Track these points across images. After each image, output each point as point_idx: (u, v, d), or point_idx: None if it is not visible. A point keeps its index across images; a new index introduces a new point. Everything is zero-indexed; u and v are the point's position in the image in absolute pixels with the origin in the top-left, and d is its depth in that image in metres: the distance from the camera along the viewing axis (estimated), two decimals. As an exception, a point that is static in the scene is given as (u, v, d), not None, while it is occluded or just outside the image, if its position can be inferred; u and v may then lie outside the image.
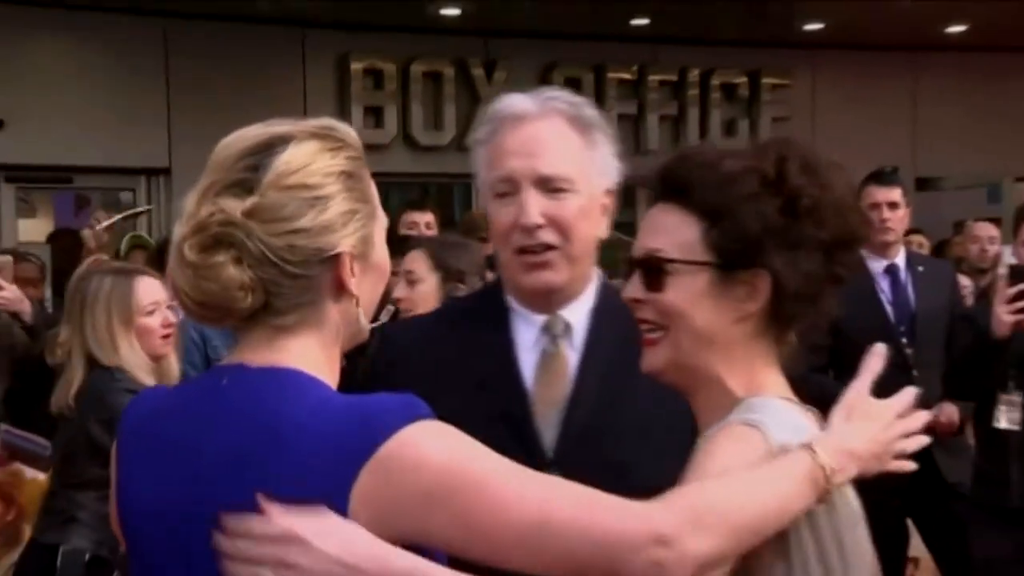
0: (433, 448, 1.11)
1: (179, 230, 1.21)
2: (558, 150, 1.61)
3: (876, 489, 4.30)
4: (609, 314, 1.64)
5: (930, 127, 9.89)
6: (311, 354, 1.22)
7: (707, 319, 1.27)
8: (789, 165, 1.27)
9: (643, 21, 8.88)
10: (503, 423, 1.54)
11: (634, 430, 1.54)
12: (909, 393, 1.38)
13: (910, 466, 1.33)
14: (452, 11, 8.40)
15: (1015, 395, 3.33)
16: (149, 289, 3.17)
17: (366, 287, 1.25)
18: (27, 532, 3.85)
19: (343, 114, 8.67)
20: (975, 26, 9.20)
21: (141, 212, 5.18)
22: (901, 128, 9.85)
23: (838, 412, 1.28)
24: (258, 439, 1.15)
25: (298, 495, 1.13)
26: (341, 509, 1.11)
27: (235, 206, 1.17)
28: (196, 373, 4.10)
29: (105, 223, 4.90)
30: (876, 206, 3.94)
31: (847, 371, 4.64)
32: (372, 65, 8.74)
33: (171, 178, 8.33)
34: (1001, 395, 3.35)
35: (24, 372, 4.06)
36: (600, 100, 9.32)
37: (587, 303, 1.66)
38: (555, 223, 1.57)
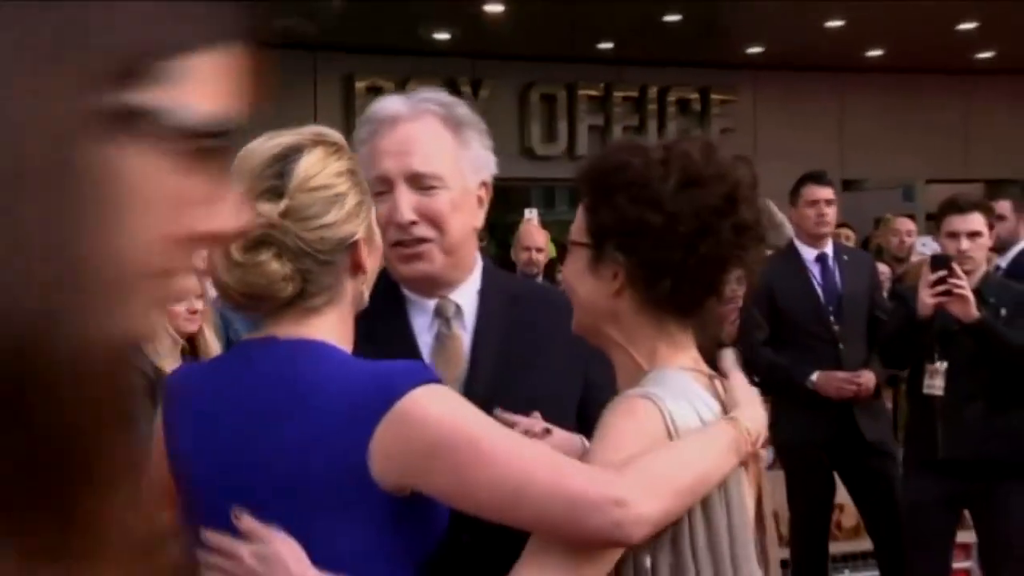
0: (439, 408, 1.14)
1: None
2: (429, 148, 1.51)
3: (805, 445, 4.31)
4: (496, 295, 1.56)
5: (855, 136, 9.94)
6: (333, 326, 1.24)
7: (587, 292, 1.29)
8: (651, 159, 1.24)
9: (608, 45, 8.87)
10: None
11: (530, 402, 1.43)
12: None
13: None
14: (443, 36, 8.36)
15: (939, 364, 3.35)
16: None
17: (372, 263, 1.28)
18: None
19: (349, 127, 8.60)
20: (892, 50, 9.23)
21: None
22: (830, 137, 9.88)
23: (743, 390, 1.28)
24: (285, 399, 1.17)
25: (320, 449, 1.14)
26: (361, 459, 1.12)
27: (271, 209, 1.20)
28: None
29: None
30: (815, 202, 3.97)
31: (783, 344, 4.66)
32: (374, 83, 8.69)
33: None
34: (928, 365, 3.37)
35: None
36: (572, 113, 9.31)
37: (473, 286, 1.56)
38: (427, 217, 1.47)
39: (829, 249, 4.01)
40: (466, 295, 1.56)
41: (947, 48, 9.04)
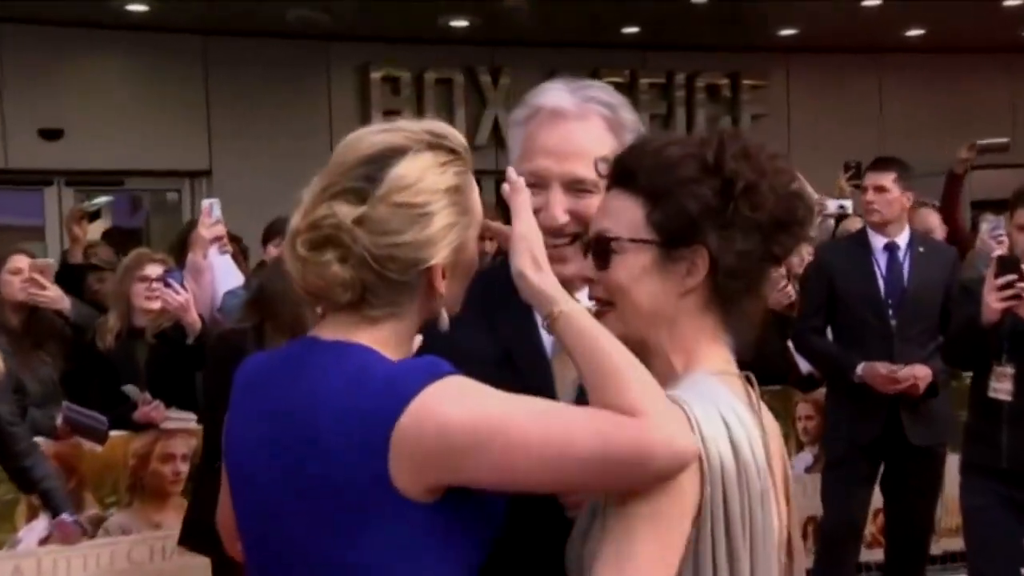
0: (454, 407, 1.11)
1: (295, 222, 1.21)
2: (592, 153, 1.48)
3: (847, 444, 4.22)
4: None
5: (894, 121, 9.82)
6: (385, 339, 1.21)
7: (650, 295, 1.25)
8: (726, 151, 1.24)
9: (633, 30, 8.83)
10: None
11: None
12: None
13: None
14: (461, 23, 8.35)
15: (1007, 367, 3.24)
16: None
17: (454, 286, 1.25)
18: (88, 499, 3.87)
19: (364, 118, 8.65)
20: (933, 29, 9.12)
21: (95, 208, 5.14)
22: (868, 123, 9.78)
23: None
24: (307, 407, 1.16)
25: (338, 460, 1.13)
26: (381, 470, 1.11)
27: (347, 212, 1.17)
28: None
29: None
30: (865, 189, 3.95)
31: (840, 332, 4.62)
32: (389, 74, 8.70)
33: (212, 179, 8.31)
34: (995, 366, 3.27)
35: (78, 355, 4.08)
36: (596, 102, 9.28)
37: None
38: (578, 218, 1.48)
39: (902, 238, 3.95)
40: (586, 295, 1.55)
41: (992, 26, 8.92)
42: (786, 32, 9.15)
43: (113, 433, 3.84)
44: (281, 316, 2.99)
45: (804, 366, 4.47)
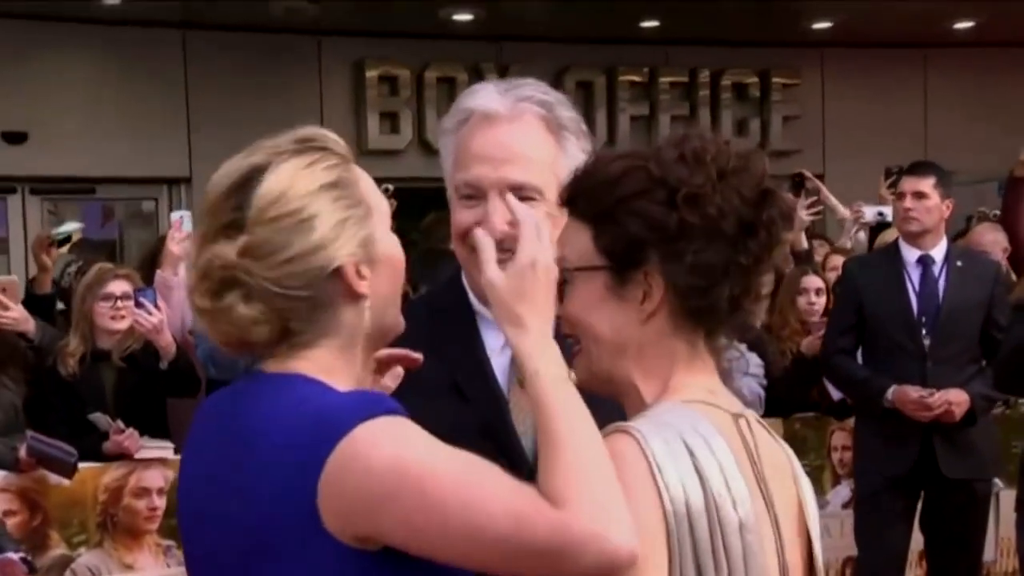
0: (381, 450, 1.11)
1: (187, 280, 1.24)
2: (529, 156, 1.51)
3: (878, 477, 4.19)
4: None
5: (941, 122, 9.82)
6: (330, 360, 1.22)
7: (610, 325, 1.25)
8: (667, 157, 1.24)
9: (653, 23, 8.85)
10: (483, 433, 1.46)
11: (609, 424, 1.47)
12: None
13: None
14: (465, 17, 8.39)
15: None
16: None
17: (381, 282, 1.25)
18: (54, 538, 3.87)
19: (359, 120, 8.68)
20: (984, 21, 9.13)
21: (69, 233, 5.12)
22: (912, 124, 9.78)
23: None
24: (242, 442, 1.18)
25: (271, 498, 1.14)
26: (311, 509, 1.12)
27: (230, 249, 1.18)
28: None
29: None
30: (902, 195, 3.94)
31: (871, 353, 4.63)
32: (387, 72, 8.74)
33: (191, 187, 8.35)
34: None
35: (38, 381, 4.09)
36: (612, 102, 9.31)
37: None
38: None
39: (938, 251, 3.93)
40: None
41: (1047, 18, 8.93)
42: (821, 25, 9.16)
43: (82, 465, 3.84)
44: None
45: (836, 392, 4.46)
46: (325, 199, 1.21)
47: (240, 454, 1.18)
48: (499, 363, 1.54)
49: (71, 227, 5.06)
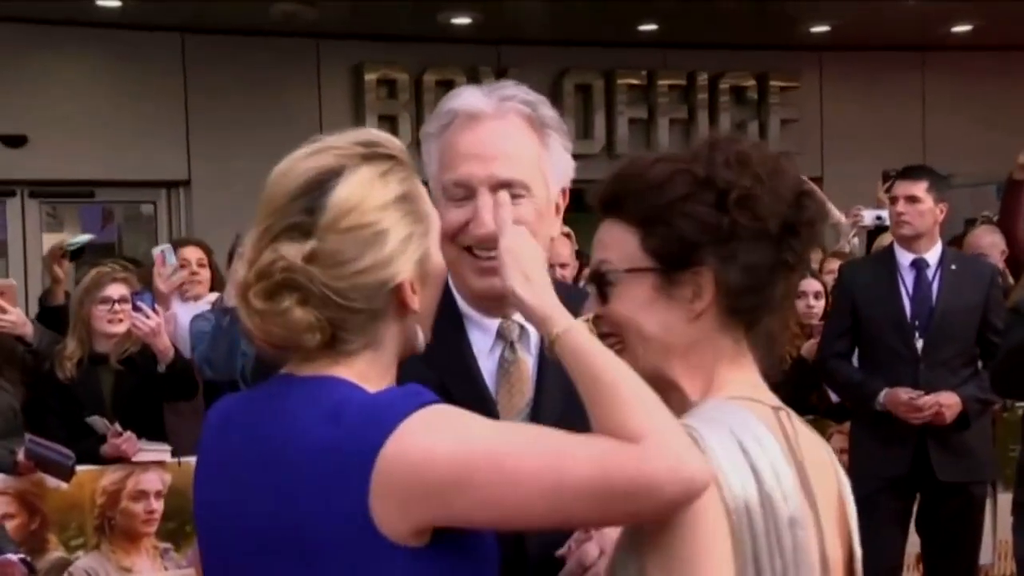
0: (441, 437, 1.12)
1: (241, 274, 1.22)
2: (516, 153, 1.53)
3: (872, 481, 4.20)
4: None
5: (939, 126, 9.83)
6: (365, 370, 1.23)
7: (658, 324, 1.27)
8: (717, 160, 1.27)
9: (651, 27, 8.86)
10: None
11: None
12: None
13: None
14: (463, 20, 8.40)
15: None
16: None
17: (427, 298, 1.26)
18: (52, 540, 3.87)
19: (358, 123, 8.66)
20: (982, 25, 9.14)
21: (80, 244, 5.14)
22: (910, 127, 9.79)
23: None
24: (282, 448, 1.17)
25: (317, 502, 1.13)
26: (361, 510, 1.12)
27: (295, 252, 1.17)
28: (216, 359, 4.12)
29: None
30: (895, 199, 3.96)
31: (867, 357, 4.62)
32: (385, 75, 8.75)
33: (190, 189, 8.35)
34: None
35: (36, 384, 4.08)
36: (611, 105, 9.32)
37: None
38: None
39: (932, 254, 3.95)
40: None
41: (1045, 22, 8.94)
42: (819, 28, 9.18)
43: (79, 468, 3.84)
44: None
45: (835, 395, 4.48)
46: (396, 214, 1.21)
47: (277, 456, 1.17)
48: (486, 365, 1.55)
49: (83, 239, 5.06)
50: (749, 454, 1.20)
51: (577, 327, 1.25)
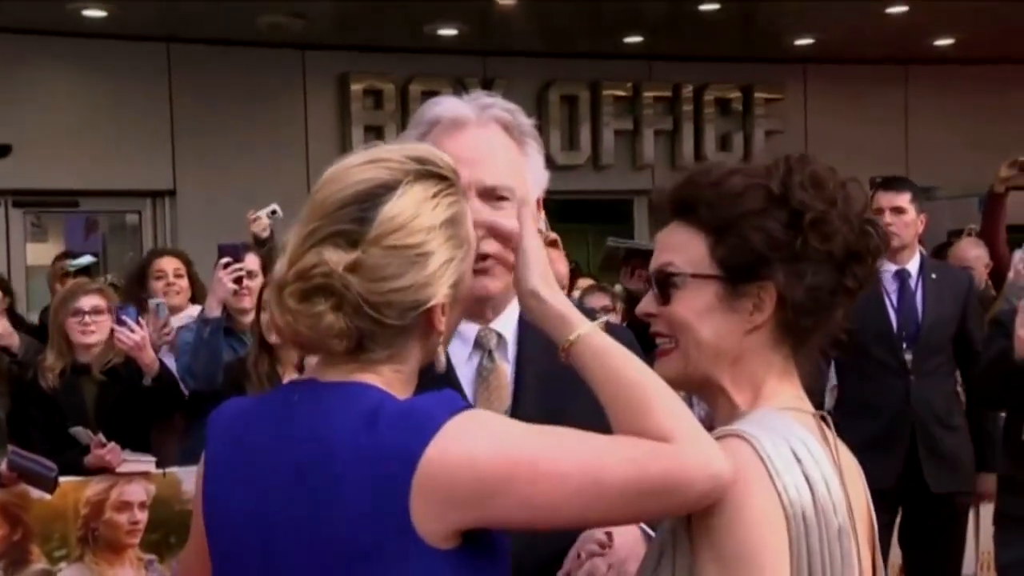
0: (478, 442, 1.15)
1: (280, 271, 1.23)
2: (500, 159, 1.55)
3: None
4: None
5: (922, 139, 9.90)
6: (387, 376, 1.24)
7: (714, 331, 1.30)
8: (794, 181, 1.29)
9: (637, 39, 8.90)
10: None
11: None
12: None
13: None
14: (450, 31, 8.41)
15: None
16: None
17: (452, 318, 1.28)
18: (35, 552, 3.84)
19: (344, 134, 8.69)
20: (964, 38, 9.21)
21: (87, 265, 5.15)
22: (893, 140, 9.86)
23: None
24: (317, 452, 1.18)
25: (355, 506, 1.15)
26: (401, 512, 1.14)
27: (338, 259, 1.19)
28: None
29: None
30: (880, 211, 3.97)
31: (852, 370, 4.62)
32: (371, 85, 8.75)
33: (175, 200, 8.33)
34: None
35: (19, 395, 4.07)
36: (596, 116, 9.35)
37: (515, 311, 1.57)
38: (496, 232, 1.48)
39: (913, 265, 3.98)
40: (509, 323, 1.59)
41: (1027, 35, 9.02)
42: (803, 41, 9.24)
43: (63, 479, 3.82)
44: None
45: (828, 401, 4.47)
46: (441, 237, 1.23)
47: (308, 462, 1.18)
48: (464, 373, 1.56)
49: (87, 260, 5.06)
50: (803, 463, 1.23)
51: (594, 329, 1.28)
